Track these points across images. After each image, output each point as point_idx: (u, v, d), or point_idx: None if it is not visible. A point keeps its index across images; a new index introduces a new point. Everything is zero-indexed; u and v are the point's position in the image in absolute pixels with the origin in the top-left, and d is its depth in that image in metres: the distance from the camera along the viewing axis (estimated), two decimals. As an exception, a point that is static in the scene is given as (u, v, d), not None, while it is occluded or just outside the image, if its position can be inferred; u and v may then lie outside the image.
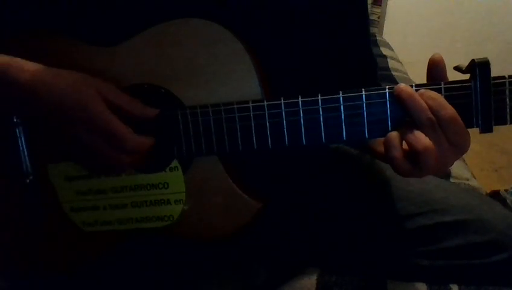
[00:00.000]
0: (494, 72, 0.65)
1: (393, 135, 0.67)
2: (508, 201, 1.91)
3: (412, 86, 0.66)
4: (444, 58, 0.68)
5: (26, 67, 0.68)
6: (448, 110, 0.64)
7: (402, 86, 0.66)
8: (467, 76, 0.67)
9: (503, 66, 0.97)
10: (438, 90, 0.66)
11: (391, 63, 2.26)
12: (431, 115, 0.64)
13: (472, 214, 0.85)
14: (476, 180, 1.41)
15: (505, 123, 0.67)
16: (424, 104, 0.65)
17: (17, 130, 0.75)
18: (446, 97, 0.66)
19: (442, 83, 0.66)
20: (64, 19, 0.76)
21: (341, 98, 0.68)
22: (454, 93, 0.66)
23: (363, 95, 0.68)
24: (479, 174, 1.58)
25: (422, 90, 0.66)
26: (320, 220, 0.90)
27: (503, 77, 0.65)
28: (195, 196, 0.76)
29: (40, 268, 0.82)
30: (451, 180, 1.36)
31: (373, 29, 2.84)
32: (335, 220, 0.89)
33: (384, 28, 2.94)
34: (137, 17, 0.73)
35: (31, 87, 0.67)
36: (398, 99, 0.66)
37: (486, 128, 0.66)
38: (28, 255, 0.82)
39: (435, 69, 0.67)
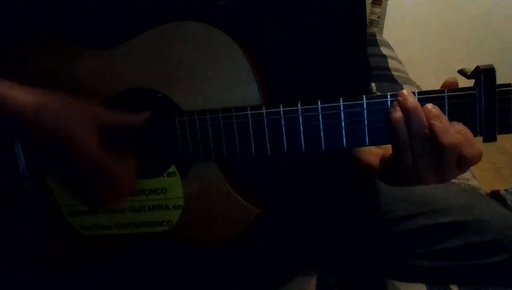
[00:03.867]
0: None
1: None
2: (508, 201, 1.91)
3: (414, 94, 0.65)
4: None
5: (17, 95, 0.64)
6: (451, 136, 0.63)
7: (406, 94, 0.64)
8: (471, 81, 0.65)
9: (503, 66, 0.97)
10: (442, 98, 0.64)
11: (391, 63, 2.27)
12: (429, 133, 0.63)
13: (472, 214, 0.85)
14: (476, 180, 1.41)
15: (509, 132, 0.65)
16: (425, 120, 0.63)
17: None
18: (449, 105, 0.64)
19: (445, 90, 0.64)
20: (61, 22, 0.75)
21: (341, 106, 0.67)
22: (458, 101, 0.64)
23: (364, 103, 0.66)
24: (479, 174, 1.58)
25: (429, 107, 0.64)
26: (319, 221, 0.90)
27: (509, 85, 0.63)
28: (193, 201, 0.75)
29: (39, 271, 0.82)
30: (451, 180, 1.36)
31: (373, 29, 2.84)
32: (334, 222, 0.89)
33: (384, 28, 2.94)
34: (135, 20, 0.73)
35: (22, 118, 0.64)
36: (400, 106, 0.64)
37: (489, 138, 0.65)
38: (27, 259, 0.82)
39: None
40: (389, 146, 0.68)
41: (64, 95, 0.67)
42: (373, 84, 1.91)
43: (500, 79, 0.64)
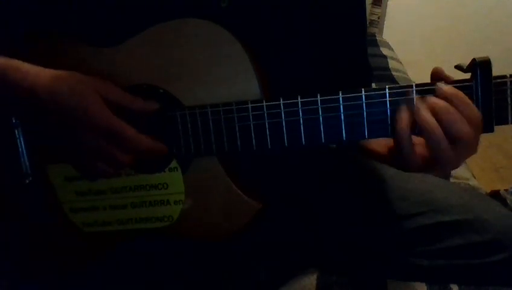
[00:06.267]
0: (495, 72, 0.65)
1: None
2: (508, 201, 1.92)
3: (411, 86, 0.66)
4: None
5: (26, 69, 0.68)
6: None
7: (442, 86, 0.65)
8: (468, 75, 0.66)
9: (504, 65, 0.97)
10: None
11: (391, 63, 2.27)
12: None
13: (472, 213, 0.85)
14: (476, 180, 1.42)
15: (506, 123, 0.66)
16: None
17: (16, 131, 0.75)
18: None
19: (443, 82, 0.66)
20: (64, 20, 0.76)
21: (341, 98, 0.68)
22: None
23: (363, 95, 0.67)
24: (479, 174, 1.59)
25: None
26: (320, 220, 0.90)
27: (505, 76, 0.64)
28: (194, 196, 0.75)
29: (39, 268, 0.82)
30: (452, 180, 1.36)
31: (373, 29, 2.84)
32: (335, 220, 0.89)
33: (384, 28, 2.94)
34: (137, 18, 0.73)
35: (31, 90, 0.67)
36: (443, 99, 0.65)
37: (487, 129, 0.66)
38: (27, 256, 0.82)
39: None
40: None
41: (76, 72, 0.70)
42: (373, 85, 1.92)
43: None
